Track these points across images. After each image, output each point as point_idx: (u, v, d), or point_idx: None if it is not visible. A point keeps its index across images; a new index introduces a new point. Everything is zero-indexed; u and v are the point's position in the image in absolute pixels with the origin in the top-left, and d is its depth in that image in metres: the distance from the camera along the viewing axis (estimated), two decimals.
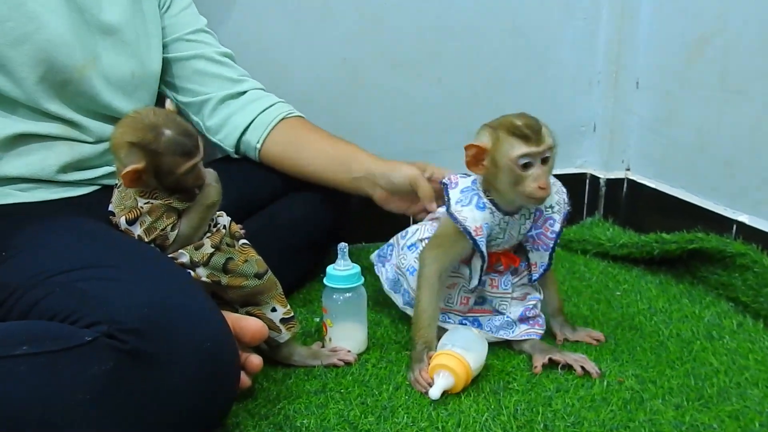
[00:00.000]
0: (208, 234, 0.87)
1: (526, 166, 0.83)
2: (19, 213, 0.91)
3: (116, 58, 1.01)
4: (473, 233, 0.87)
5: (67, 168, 0.97)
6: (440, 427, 0.78)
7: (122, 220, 0.84)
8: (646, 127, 1.45)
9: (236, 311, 0.87)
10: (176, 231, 0.84)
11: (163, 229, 0.83)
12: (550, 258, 0.95)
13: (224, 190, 1.16)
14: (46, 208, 0.94)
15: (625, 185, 1.50)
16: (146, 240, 0.83)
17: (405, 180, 1.07)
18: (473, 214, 0.88)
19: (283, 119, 1.15)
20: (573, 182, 1.54)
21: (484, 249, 0.88)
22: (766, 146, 1.14)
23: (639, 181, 1.46)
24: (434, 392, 0.82)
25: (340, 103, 1.40)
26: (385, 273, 1.06)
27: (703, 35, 1.26)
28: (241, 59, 1.31)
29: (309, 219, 1.20)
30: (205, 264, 0.84)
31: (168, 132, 0.81)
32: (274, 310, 0.89)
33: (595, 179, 1.54)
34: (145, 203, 0.83)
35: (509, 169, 0.84)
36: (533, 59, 1.47)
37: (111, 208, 0.86)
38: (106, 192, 1.04)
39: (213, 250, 0.85)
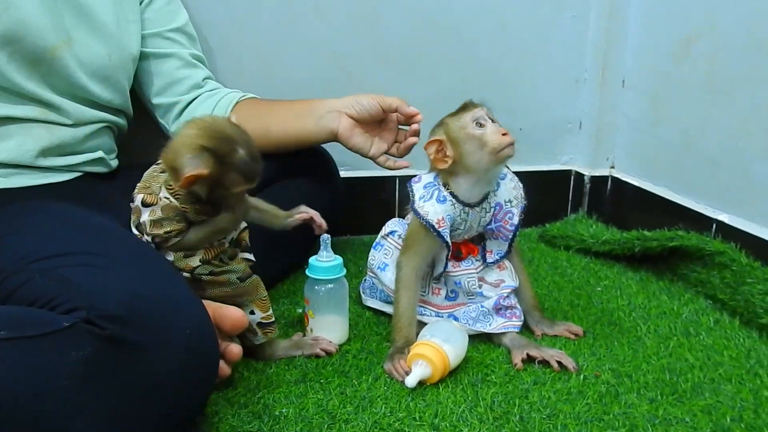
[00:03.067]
0: (207, 246, 0.86)
1: (481, 126, 0.89)
2: (0, 199, 0.91)
3: (92, 40, 1.00)
4: (436, 226, 0.92)
5: (46, 152, 0.97)
6: (417, 417, 0.79)
7: (139, 198, 0.83)
8: (631, 126, 1.47)
9: None
10: (179, 239, 0.83)
11: (167, 232, 0.82)
12: (509, 247, 0.99)
13: None
14: (28, 194, 0.94)
15: (610, 183, 1.51)
16: (147, 232, 0.82)
17: (373, 100, 1.09)
18: (434, 207, 0.93)
19: (238, 102, 1.17)
20: (558, 179, 1.56)
21: (448, 239, 0.93)
22: (749, 147, 1.15)
23: (623, 179, 1.48)
24: (410, 380, 0.83)
25: (329, 96, 1.40)
26: (362, 285, 1.11)
27: (690, 36, 1.27)
28: (232, 52, 1.31)
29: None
30: (188, 272, 0.84)
31: (242, 150, 0.80)
32: (252, 313, 0.89)
33: (579, 176, 1.55)
34: (165, 197, 0.82)
35: (469, 136, 0.89)
36: (522, 56, 1.48)
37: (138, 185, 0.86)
38: (88, 179, 1.04)
39: (199, 264, 0.84)
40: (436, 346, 0.85)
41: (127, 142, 1.17)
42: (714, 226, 1.19)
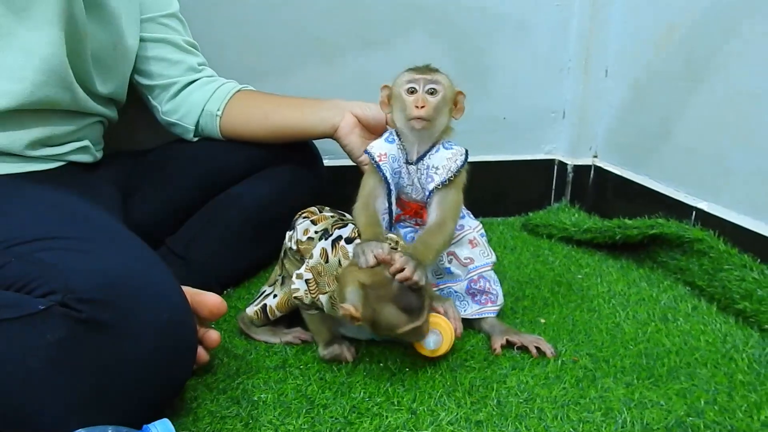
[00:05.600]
0: None
1: (411, 92, 0.93)
2: None
3: (100, 31, 1.00)
4: (377, 158, 0.96)
5: (36, 144, 0.96)
6: (396, 402, 0.79)
7: (308, 275, 0.86)
8: (614, 115, 1.47)
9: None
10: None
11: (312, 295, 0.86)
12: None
13: (190, 168, 1.17)
14: (9, 180, 0.93)
15: (592, 172, 1.52)
16: (301, 294, 0.86)
17: (381, 110, 1.08)
18: (380, 144, 0.98)
19: (238, 91, 1.18)
20: (541, 168, 1.57)
21: (387, 174, 0.95)
22: (727, 136, 1.16)
23: (605, 168, 1.48)
24: (429, 342, 0.85)
25: (313, 83, 1.40)
26: None
27: (670, 25, 1.28)
28: (214, 37, 1.31)
29: (277, 197, 1.20)
30: None
31: (396, 284, 0.79)
32: (274, 296, 0.94)
33: (562, 165, 1.56)
34: (321, 304, 0.85)
35: (399, 96, 0.94)
36: (506, 45, 1.47)
37: (316, 257, 0.87)
38: (71, 168, 1.03)
39: None
40: (448, 321, 0.86)
41: (112, 131, 1.16)
42: (693, 214, 1.20)
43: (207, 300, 0.82)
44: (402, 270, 0.79)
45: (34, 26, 0.89)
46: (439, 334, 0.86)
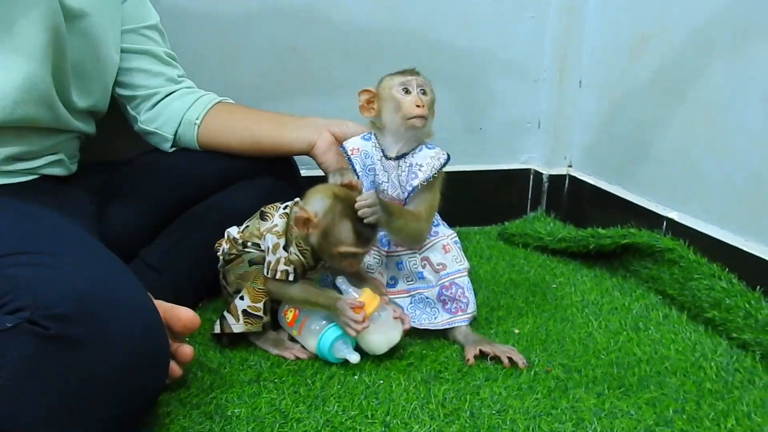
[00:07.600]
0: None
1: (406, 92, 0.97)
2: None
3: (82, 43, 0.99)
4: (349, 152, 1.02)
5: (9, 159, 0.95)
6: (370, 416, 0.80)
7: (270, 237, 0.92)
8: (588, 125, 1.49)
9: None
10: (285, 276, 0.91)
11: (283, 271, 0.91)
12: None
13: (166, 178, 1.16)
14: None
15: (567, 181, 1.54)
16: (265, 271, 0.92)
17: (358, 127, 1.10)
18: (355, 140, 1.03)
19: (219, 102, 1.19)
20: (517, 177, 1.58)
21: (356, 167, 1.01)
22: (696, 146, 1.18)
23: (580, 177, 1.50)
24: (350, 291, 0.91)
25: (289, 92, 1.41)
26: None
27: (642, 36, 1.30)
28: (190, 44, 1.31)
29: (254, 209, 1.19)
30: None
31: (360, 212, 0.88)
32: (242, 298, 0.94)
33: (538, 175, 1.58)
34: (294, 254, 0.92)
35: (392, 96, 0.98)
36: (482, 56, 1.49)
37: (280, 212, 0.95)
38: (44, 181, 1.02)
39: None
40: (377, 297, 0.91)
41: (88, 141, 1.16)
42: (664, 223, 1.22)
43: (180, 314, 0.82)
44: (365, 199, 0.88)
45: (18, 44, 0.88)
46: (360, 293, 0.90)
